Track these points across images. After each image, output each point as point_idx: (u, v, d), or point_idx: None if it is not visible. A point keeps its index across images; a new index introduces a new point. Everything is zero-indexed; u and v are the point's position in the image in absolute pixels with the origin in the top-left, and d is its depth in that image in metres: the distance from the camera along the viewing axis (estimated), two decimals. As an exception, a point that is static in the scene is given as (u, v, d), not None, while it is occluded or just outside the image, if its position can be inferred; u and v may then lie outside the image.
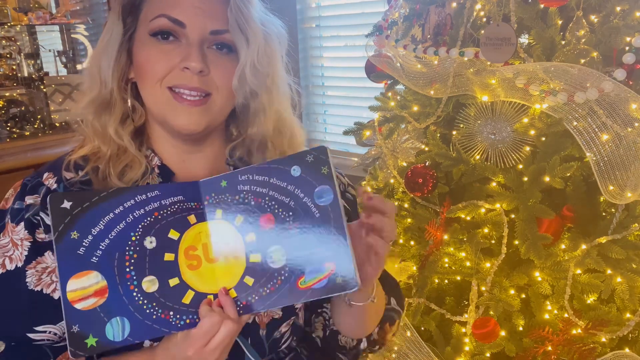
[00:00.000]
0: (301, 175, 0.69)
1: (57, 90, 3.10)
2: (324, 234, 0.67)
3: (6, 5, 3.01)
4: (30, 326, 0.75)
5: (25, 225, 0.76)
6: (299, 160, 0.69)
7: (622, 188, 1.10)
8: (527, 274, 1.27)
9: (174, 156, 0.84)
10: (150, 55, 0.76)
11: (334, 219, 0.67)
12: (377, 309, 0.86)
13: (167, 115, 0.78)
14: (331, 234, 0.67)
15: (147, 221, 0.70)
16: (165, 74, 0.76)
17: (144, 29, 0.77)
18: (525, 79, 1.13)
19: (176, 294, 0.69)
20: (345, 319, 0.86)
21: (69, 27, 3.43)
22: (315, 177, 0.68)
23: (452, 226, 1.35)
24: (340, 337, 0.90)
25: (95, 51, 0.80)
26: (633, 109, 1.08)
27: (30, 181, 0.79)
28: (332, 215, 0.67)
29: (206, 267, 0.71)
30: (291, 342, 0.89)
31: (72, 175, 0.80)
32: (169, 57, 0.75)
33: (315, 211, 0.68)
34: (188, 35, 0.75)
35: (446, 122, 1.41)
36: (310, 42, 2.65)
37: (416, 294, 1.41)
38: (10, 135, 2.92)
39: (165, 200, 0.72)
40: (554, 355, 1.19)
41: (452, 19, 1.35)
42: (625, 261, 1.19)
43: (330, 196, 0.67)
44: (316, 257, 0.67)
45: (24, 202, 0.77)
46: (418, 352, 1.36)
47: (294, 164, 0.69)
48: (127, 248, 0.69)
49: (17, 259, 0.76)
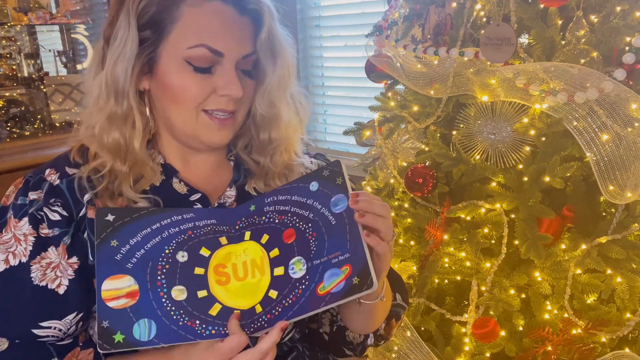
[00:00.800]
0: (319, 189, 0.75)
1: (57, 90, 3.10)
2: (340, 238, 0.70)
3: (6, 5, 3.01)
4: (35, 321, 0.76)
5: (29, 220, 0.77)
6: (316, 177, 0.76)
7: (622, 188, 1.10)
8: (527, 274, 1.27)
9: (177, 155, 0.86)
10: (187, 82, 0.77)
11: (348, 224, 0.71)
12: (385, 306, 0.87)
13: (200, 134, 0.81)
14: (346, 237, 0.70)
15: (181, 238, 0.76)
16: (203, 100, 0.78)
17: (175, 53, 0.76)
18: (525, 79, 1.13)
19: (203, 305, 0.72)
20: (354, 317, 0.87)
21: (69, 27, 3.43)
22: (331, 189, 0.74)
23: (452, 226, 1.35)
24: (348, 332, 0.90)
25: (107, 61, 0.78)
26: (633, 109, 1.08)
27: (33, 177, 0.80)
28: (347, 221, 0.71)
29: (234, 284, 0.74)
30: (294, 334, 0.89)
31: (75, 170, 0.81)
32: (208, 85, 0.78)
33: (332, 219, 0.72)
34: (224, 63, 0.77)
35: (446, 122, 1.41)
36: (310, 42, 2.65)
37: (416, 294, 1.41)
38: (10, 135, 2.93)
39: (199, 222, 0.77)
40: (554, 355, 1.19)
41: (452, 19, 1.35)
42: (625, 261, 1.19)
43: (345, 203, 0.72)
44: (334, 262, 0.69)
45: (27, 198, 0.78)
46: (418, 352, 1.36)
47: (313, 180, 0.76)
48: (160, 259, 0.74)
49: (20, 254, 0.76)
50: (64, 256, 0.78)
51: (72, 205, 0.79)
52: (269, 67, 0.82)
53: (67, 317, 0.77)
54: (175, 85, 0.77)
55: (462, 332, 1.33)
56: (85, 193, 0.79)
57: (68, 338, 0.79)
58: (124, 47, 0.76)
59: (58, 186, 0.79)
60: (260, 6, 0.78)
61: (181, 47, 0.76)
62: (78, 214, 0.79)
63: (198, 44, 0.75)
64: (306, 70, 2.70)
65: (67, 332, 0.78)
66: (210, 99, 0.78)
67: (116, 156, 0.80)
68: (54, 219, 0.78)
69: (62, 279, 0.77)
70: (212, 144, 0.83)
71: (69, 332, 0.78)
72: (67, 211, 0.78)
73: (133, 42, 0.75)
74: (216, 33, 0.76)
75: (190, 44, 0.75)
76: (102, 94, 0.78)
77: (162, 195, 0.82)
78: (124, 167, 0.80)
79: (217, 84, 0.77)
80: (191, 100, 0.78)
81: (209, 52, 0.75)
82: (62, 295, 0.77)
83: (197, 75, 0.77)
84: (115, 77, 0.77)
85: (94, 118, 0.80)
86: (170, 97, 0.78)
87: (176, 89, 0.77)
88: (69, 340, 0.79)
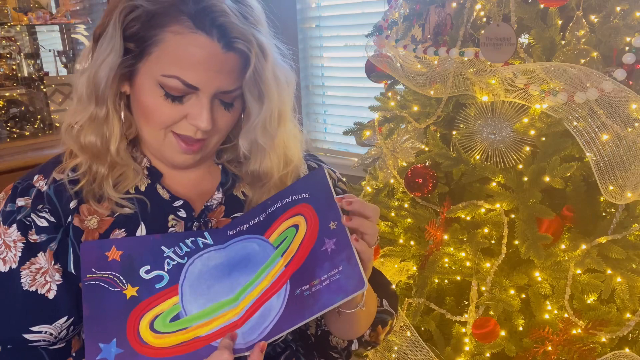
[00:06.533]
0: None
1: (57, 90, 3.10)
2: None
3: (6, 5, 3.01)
4: (26, 326, 0.76)
5: (17, 227, 0.77)
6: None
7: (622, 188, 1.10)
8: (527, 274, 1.27)
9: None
10: (158, 106, 0.75)
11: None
12: (368, 314, 0.86)
13: (165, 153, 0.80)
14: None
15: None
16: (173, 124, 0.77)
17: (152, 74, 0.74)
18: (525, 79, 1.13)
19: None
20: (335, 324, 0.86)
21: (69, 27, 3.43)
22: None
23: (452, 226, 1.35)
24: (331, 337, 0.90)
25: (91, 64, 0.77)
26: (633, 109, 1.08)
27: (21, 184, 0.81)
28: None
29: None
30: (287, 335, 0.89)
31: (62, 176, 0.81)
32: (179, 111, 0.75)
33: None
34: (199, 94, 0.74)
35: (446, 122, 1.41)
36: (310, 42, 2.65)
37: (416, 294, 1.41)
38: (10, 135, 2.92)
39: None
40: (554, 355, 1.19)
41: (452, 19, 1.35)
42: (625, 261, 1.19)
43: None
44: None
45: (15, 205, 0.78)
46: (418, 352, 1.36)
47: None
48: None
49: (10, 261, 0.77)
50: (50, 261, 0.78)
51: (61, 211, 0.79)
52: (254, 108, 0.78)
53: (58, 321, 0.77)
54: (146, 105, 0.76)
55: (462, 332, 1.33)
56: (71, 200, 0.79)
57: (60, 342, 0.79)
58: (108, 55, 0.74)
59: (46, 192, 0.79)
60: (248, 46, 0.73)
61: (157, 72, 0.73)
62: (66, 219, 0.79)
63: (172, 75, 0.72)
64: (306, 70, 2.70)
65: (58, 336, 0.78)
66: (181, 123, 0.76)
67: (94, 157, 0.80)
68: (42, 225, 0.78)
69: (52, 284, 0.77)
70: (175, 164, 0.82)
71: (60, 336, 0.78)
72: (54, 217, 0.79)
73: (117, 51, 0.74)
74: (193, 67, 0.72)
75: (165, 72, 0.73)
76: (84, 96, 0.78)
77: (148, 198, 0.82)
78: (102, 168, 0.80)
79: (188, 112, 0.75)
80: (159, 122, 0.76)
81: (182, 85, 0.73)
82: (52, 300, 0.77)
83: (168, 100, 0.75)
84: (97, 80, 0.76)
85: (76, 117, 0.80)
86: (141, 113, 0.77)
87: (147, 108, 0.76)
88: (62, 345, 0.79)
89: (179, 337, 0.71)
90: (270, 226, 0.76)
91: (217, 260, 0.76)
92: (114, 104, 0.78)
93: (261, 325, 0.70)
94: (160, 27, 0.72)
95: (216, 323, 0.72)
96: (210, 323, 0.72)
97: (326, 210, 0.72)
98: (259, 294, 0.72)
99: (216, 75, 0.73)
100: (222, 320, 0.72)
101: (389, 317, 0.91)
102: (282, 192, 0.78)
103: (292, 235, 0.74)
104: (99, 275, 0.73)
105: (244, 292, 0.73)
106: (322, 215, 0.72)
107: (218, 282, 0.74)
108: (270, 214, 0.77)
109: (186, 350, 0.70)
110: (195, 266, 0.75)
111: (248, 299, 0.73)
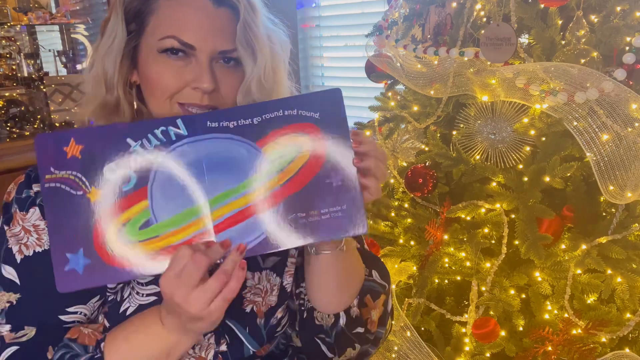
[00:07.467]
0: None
1: (57, 90, 3.10)
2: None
3: (6, 5, 3.01)
4: (63, 307, 0.77)
5: (39, 210, 0.78)
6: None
7: (622, 188, 1.10)
8: (527, 274, 1.27)
9: None
10: (161, 72, 0.77)
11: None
12: (348, 266, 0.83)
13: None
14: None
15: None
16: (176, 92, 0.77)
17: (151, 44, 0.77)
18: (525, 79, 1.13)
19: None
20: (314, 277, 0.83)
21: (68, 27, 3.44)
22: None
23: (452, 226, 1.35)
24: (316, 313, 0.86)
25: (98, 53, 0.80)
26: (633, 109, 1.08)
27: (33, 171, 0.81)
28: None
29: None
30: (287, 328, 0.89)
31: None
32: (180, 76, 0.76)
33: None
34: (197, 56, 0.76)
35: (446, 122, 1.41)
36: (310, 42, 2.65)
37: (416, 294, 1.41)
38: (10, 135, 2.92)
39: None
40: (554, 355, 1.19)
41: (452, 19, 1.35)
42: (625, 261, 1.19)
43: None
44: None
45: (31, 191, 0.79)
46: (418, 352, 1.36)
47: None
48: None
49: (33, 245, 0.77)
50: None
51: None
52: (247, 65, 0.79)
53: (91, 300, 0.79)
54: (150, 76, 0.78)
55: (462, 332, 1.33)
56: None
57: (92, 323, 0.80)
58: (113, 40, 0.77)
59: None
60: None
61: (155, 39, 0.76)
62: None
63: (167, 36, 0.75)
64: (306, 70, 2.70)
65: (90, 316, 0.79)
66: (185, 91, 0.77)
67: None
68: None
69: None
70: None
71: (92, 316, 0.80)
72: None
73: (120, 34, 0.77)
74: (186, 26, 0.75)
75: (161, 36, 0.75)
76: (95, 85, 0.80)
77: None
78: None
79: (190, 77, 0.77)
80: (162, 89, 0.77)
81: (179, 44, 0.75)
82: None
83: (169, 63, 0.76)
84: (105, 68, 0.78)
85: (88, 106, 0.82)
86: (148, 88, 0.79)
87: (151, 80, 0.78)
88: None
89: (150, 245, 0.66)
90: (266, 135, 0.69)
91: (192, 156, 0.68)
92: (124, 92, 0.80)
93: (243, 238, 0.66)
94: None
95: (190, 230, 0.67)
96: (183, 230, 0.67)
97: (337, 139, 0.68)
98: (245, 205, 0.67)
99: (210, 33, 0.75)
100: (195, 228, 0.67)
101: (381, 288, 0.88)
102: (286, 99, 0.71)
103: (292, 155, 0.68)
104: (58, 176, 0.67)
105: (224, 198, 0.67)
106: (332, 144, 0.67)
107: (193, 183, 0.67)
108: (267, 121, 0.69)
109: (158, 261, 0.66)
110: (166, 164, 0.68)
111: (229, 207, 0.67)
